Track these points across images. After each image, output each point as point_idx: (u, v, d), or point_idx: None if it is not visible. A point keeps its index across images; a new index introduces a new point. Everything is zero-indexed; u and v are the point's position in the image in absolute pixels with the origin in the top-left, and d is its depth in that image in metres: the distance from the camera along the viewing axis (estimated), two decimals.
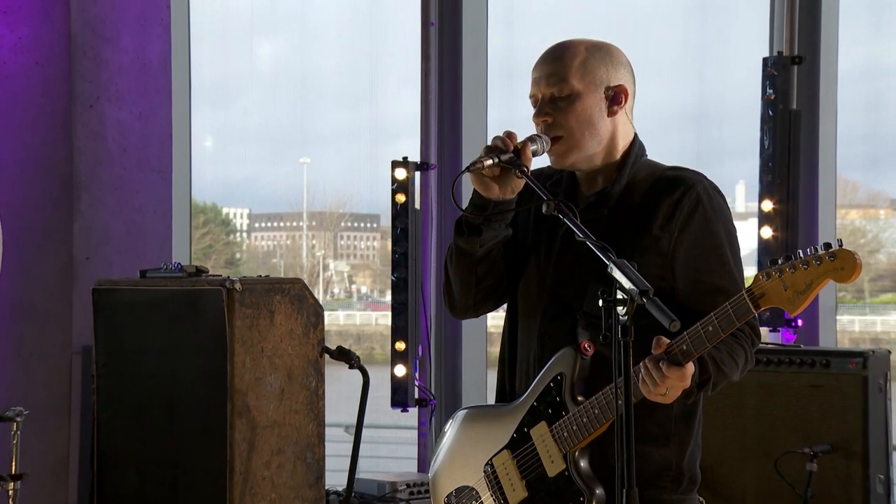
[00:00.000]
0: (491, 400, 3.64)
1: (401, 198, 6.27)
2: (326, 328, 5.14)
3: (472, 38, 6.63)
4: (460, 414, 3.60)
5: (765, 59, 6.17)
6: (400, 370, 6.33)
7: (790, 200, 6.13)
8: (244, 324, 4.88)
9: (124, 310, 5.23)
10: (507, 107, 6.78)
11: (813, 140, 6.36)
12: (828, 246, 2.92)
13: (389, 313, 6.33)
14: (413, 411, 6.42)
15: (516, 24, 7.24)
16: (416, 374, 6.34)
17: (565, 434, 3.28)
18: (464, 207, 3.33)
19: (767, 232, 6.17)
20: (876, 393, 5.15)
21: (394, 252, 6.31)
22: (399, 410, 6.38)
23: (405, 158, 6.32)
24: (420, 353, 6.35)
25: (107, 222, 6.37)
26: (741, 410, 5.39)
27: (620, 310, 2.85)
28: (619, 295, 2.85)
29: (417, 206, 6.36)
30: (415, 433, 6.58)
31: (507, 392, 3.52)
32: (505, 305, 3.56)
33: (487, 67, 6.79)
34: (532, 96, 3.39)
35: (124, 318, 5.24)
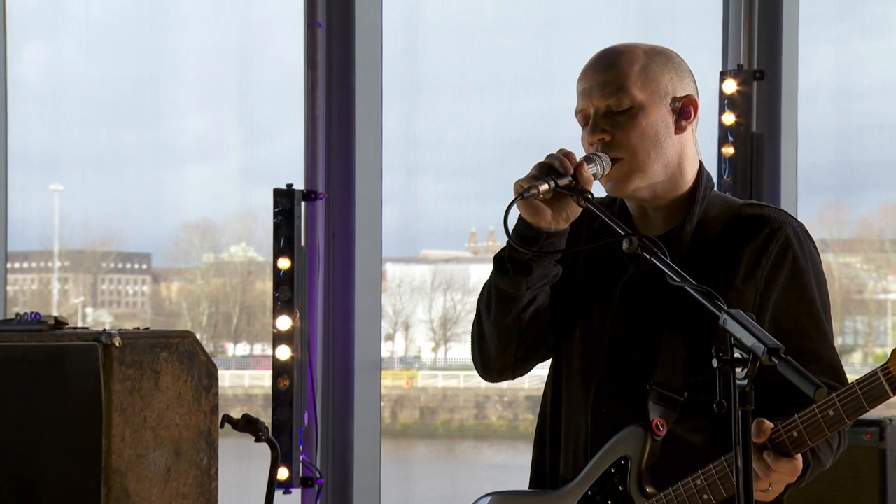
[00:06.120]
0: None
1: (285, 233, 5.96)
2: None
3: (366, 42, 6.38)
4: (484, 501, 3.31)
5: (722, 73, 5.97)
6: (282, 443, 5.98)
7: None
8: (124, 388, 4.51)
9: None
10: (405, 123, 6.52)
11: (775, 167, 6.27)
12: None
13: None
14: (296, 493, 6.07)
15: (419, 26, 6.98)
16: (301, 448, 6.03)
17: None
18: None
19: None
20: (894, 469, 5.02)
21: (276, 300, 5.95)
22: (281, 492, 6.05)
23: (290, 186, 5.92)
24: (306, 421, 6.04)
25: None
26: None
27: (739, 372, 2.59)
28: (738, 353, 2.60)
29: (303, 242, 6.05)
30: None
31: (546, 475, 3.31)
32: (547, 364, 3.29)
33: (382, 76, 6.53)
34: (581, 111, 3.14)
35: None
